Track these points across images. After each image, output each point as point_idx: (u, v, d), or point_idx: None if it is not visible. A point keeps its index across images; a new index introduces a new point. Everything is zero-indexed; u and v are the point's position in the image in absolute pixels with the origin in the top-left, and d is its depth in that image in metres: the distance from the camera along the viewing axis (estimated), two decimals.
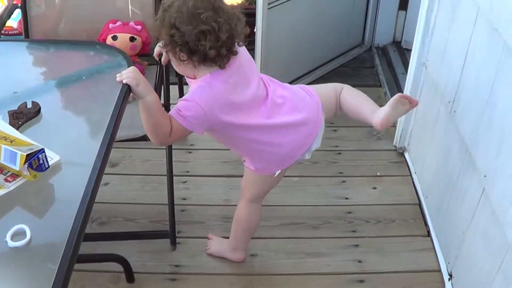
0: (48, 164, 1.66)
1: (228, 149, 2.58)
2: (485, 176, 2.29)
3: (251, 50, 3.61)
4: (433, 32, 2.95)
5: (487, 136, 2.28)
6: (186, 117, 2.08)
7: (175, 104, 3.03)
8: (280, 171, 2.39)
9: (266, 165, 2.39)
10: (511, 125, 2.08)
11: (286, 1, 3.52)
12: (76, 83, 2.12)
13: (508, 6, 2.10)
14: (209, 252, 2.87)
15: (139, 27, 2.93)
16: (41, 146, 1.65)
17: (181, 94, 3.27)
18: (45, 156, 1.65)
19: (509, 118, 2.10)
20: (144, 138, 2.51)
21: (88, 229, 1.60)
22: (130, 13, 3.09)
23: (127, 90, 1.92)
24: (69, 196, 1.61)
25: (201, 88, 2.10)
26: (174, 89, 3.02)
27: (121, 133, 1.96)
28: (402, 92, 3.35)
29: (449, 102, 2.69)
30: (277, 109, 2.27)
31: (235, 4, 4.48)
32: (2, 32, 2.97)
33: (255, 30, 3.58)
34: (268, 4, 3.38)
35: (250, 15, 3.82)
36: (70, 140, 1.85)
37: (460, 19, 2.59)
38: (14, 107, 1.91)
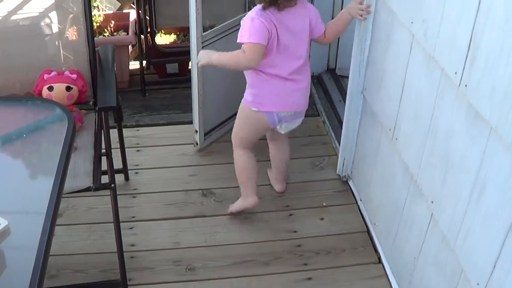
0: None
1: (173, 191, 2.60)
2: (432, 202, 2.31)
3: (187, 88, 3.63)
4: (368, 61, 2.99)
5: (431, 163, 2.31)
6: (251, 34, 2.77)
7: (116, 148, 3.05)
8: (258, 110, 3.00)
9: (256, 98, 3.01)
10: (454, 151, 2.11)
11: (220, 39, 3.53)
12: (16, 141, 2.06)
13: (443, 34, 2.14)
14: (229, 211, 3.26)
15: (74, 75, 2.89)
16: None
17: (121, 137, 3.23)
18: None
19: (452, 144, 2.13)
20: (88, 189, 2.48)
21: None
22: (62, 58, 3.05)
23: (70, 144, 1.87)
24: (21, 261, 1.56)
25: (260, 11, 2.80)
26: (114, 132, 2.99)
27: (65, 185, 1.91)
28: (341, 120, 3.37)
29: (390, 130, 2.72)
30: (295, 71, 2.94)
31: (168, 42, 4.48)
32: None
33: (189, 67, 3.59)
34: (202, 42, 3.38)
35: (184, 53, 3.84)
36: (15, 201, 1.80)
37: (395, 47, 2.63)
38: None
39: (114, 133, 3.03)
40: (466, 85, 1.99)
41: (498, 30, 1.79)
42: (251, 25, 2.78)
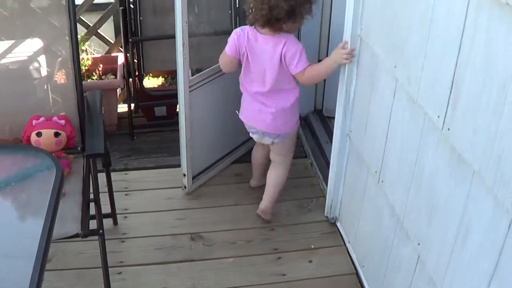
0: None
1: (161, 235, 2.58)
2: (419, 244, 2.33)
3: (175, 131, 3.65)
4: (354, 104, 3.02)
5: (416, 205, 2.33)
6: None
7: (104, 193, 3.05)
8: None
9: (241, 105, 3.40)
10: (439, 194, 2.13)
11: (207, 83, 3.57)
12: (4, 189, 2.07)
13: (425, 79, 2.18)
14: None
15: (62, 121, 2.91)
16: None
17: (109, 181, 3.23)
18: None
19: (436, 187, 2.15)
20: (76, 235, 2.49)
21: None
22: (51, 102, 3.07)
23: (57, 193, 1.88)
24: None
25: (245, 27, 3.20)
26: (102, 176, 2.99)
27: (54, 232, 1.92)
28: (329, 162, 3.40)
29: (376, 172, 2.74)
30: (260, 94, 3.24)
31: (156, 85, 4.51)
32: None
33: (177, 111, 3.61)
34: (190, 86, 3.41)
35: (172, 96, 3.87)
36: (4, 247, 1.79)
37: (380, 91, 2.67)
38: None
39: (102, 176, 3.04)
40: (448, 129, 2.02)
41: (478, 73, 1.82)
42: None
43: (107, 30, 5.08)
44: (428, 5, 2.12)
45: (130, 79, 4.28)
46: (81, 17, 4.41)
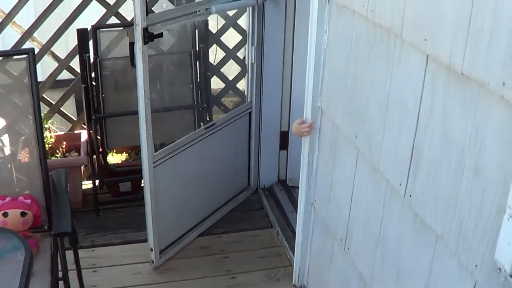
0: None
1: None
2: None
3: (141, 206, 3.66)
4: (317, 173, 3.08)
5: (383, 271, 2.37)
6: None
7: (72, 270, 3.04)
8: None
9: None
10: (404, 259, 2.18)
11: (171, 157, 3.60)
12: None
13: (386, 147, 2.25)
14: None
15: (28, 201, 2.92)
16: None
17: (76, 259, 3.21)
18: None
19: (402, 253, 2.20)
20: None
21: None
22: (15, 181, 3.08)
23: (27, 275, 1.88)
24: None
25: None
26: (69, 253, 2.98)
27: None
28: (295, 231, 3.43)
29: (341, 240, 2.78)
30: None
31: (120, 161, 4.53)
32: None
33: (142, 185, 3.63)
34: (154, 162, 3.45)
35: (136, 171, 3.89)
36: None
37: (342, 160, 2.73)
38: None
39: (69, 254, 3.03)
40: (410, 195, 2.09)
41: (437, 141, 1.90)
42: None
43: (69, 107, 5.11)
44: (386, 78, 2.21)
45: (94, 156, 4.30)
46: (43, 95, 4.43)
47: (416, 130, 2.03)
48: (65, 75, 4.53)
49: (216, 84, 4.71)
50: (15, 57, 3.21)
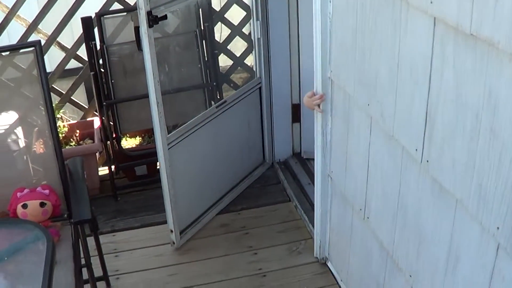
0: None
1: None
2: (410, 276, 2.36)
3: (158, 188, 3.67)
4: (331, 144, 3.07)
5: (404, 238, 2.37)
6: None
7: (94, 256, 3.06)
8: None
9: None
10: (425, 225, 2.17)
11: (185, 138, 3.60)
12: None
13: (399, 114, 2.24)
14: None
15: (46, 191, 2.93)
16: None
17: (98, 245, 3.24)
18: None
19: (421, 218, 2.19)
20: None
21: None
22: (32, 173, 3.09)
23: (51, 264, 1.90)
24: None
25: None
26: (90, 240, 2.99)
27: None
28: (313, 203, 3.44)
29: (360, 209, 2.78)
30: None
31: (134, 145, 4.54)
32: None
33: (158, 167, 3.64)
34: (168, 144, 3.45)
35: (151, 154, 3.90)
36: None
37: (356, 129, 2.72)
38: None
39: (91, 240, 3.05)
40: (427, 161, 2.08)
41: (450, 103, 1.89)
42: None
43: (80, 95, 5.11)
44: (394, 44, 2.19)
45: (108, 142, 4.31)
46: (53, 85, 4.44)
47: (429, 94, 2.01)
48: (73, 63, 4.53)
49: (224, 61, 4.69)
50: (22, 50, 3.21)
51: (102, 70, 4.18)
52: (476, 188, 1.80)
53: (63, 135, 4.43)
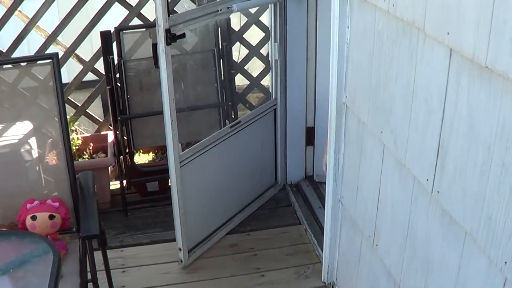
0: None
1: None
2: None
3: (168, 205, 3.67)
4: (343, 170, 3.06)
5: (412, 267, 2.35)
6: None
7: (101, 271, 3.05)
8: None
9: None
10: (433, 255, 2.16)
11: (197, 157, 3.61)
12: (3, 276, 2.08)
13: (412, 143, 2.23)
14: None
15: (56, 203, 2.94)
16: None
17: (105, 260, 3.23)
18: None
19: (430, 249, 2.18)
20: None
21: None
22: (44, 184, 3.10)
23: (56, 278, 1.90)
24: None
25: None
26: (98, 254, 2.99)
27: None
28: (323, 227, 3.42)
29: (369, 236, 2.77)
30: None
31: (147, 161, 4.55)
32: None
33: (169, 185, 3.64)
34: (180, 162, 3.45)
35: (163, 171, 3.91)
36: None
37: (368, 156, 2.71)
38: None
39: (98, 255, 3.05)
40: (438, 191, 2.06)
41: (463, 135, 1.88)
42: None
43: (96, 108, 5.14)
44: (410, 73, 2.19)
45: (121, 156, 4.32)
46: (69, 97, 4.47)
47: (442, 125, 2.01)
48: (91, 75, 4.56)
49: (240, 81, 4.71)
50: (39, 62, 3.23)
51: (119, 84, 4.20)
52: (485, 221, 1.78)
53: (77, 147, 4.44)
